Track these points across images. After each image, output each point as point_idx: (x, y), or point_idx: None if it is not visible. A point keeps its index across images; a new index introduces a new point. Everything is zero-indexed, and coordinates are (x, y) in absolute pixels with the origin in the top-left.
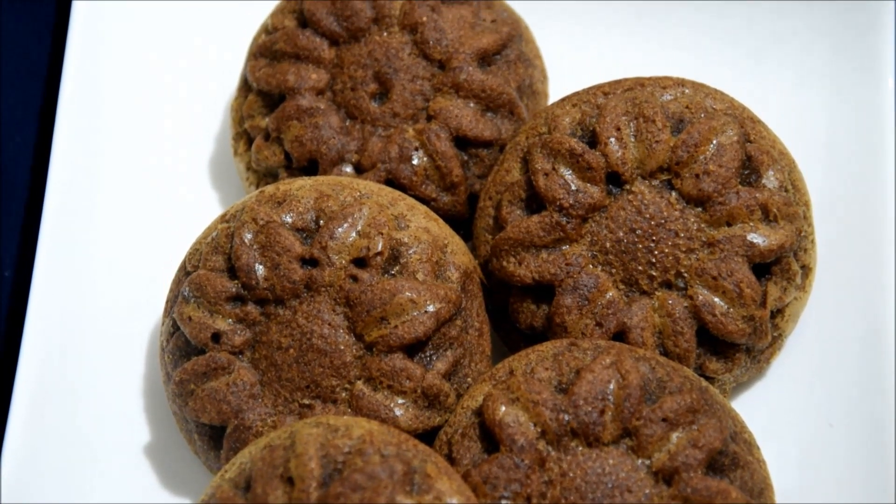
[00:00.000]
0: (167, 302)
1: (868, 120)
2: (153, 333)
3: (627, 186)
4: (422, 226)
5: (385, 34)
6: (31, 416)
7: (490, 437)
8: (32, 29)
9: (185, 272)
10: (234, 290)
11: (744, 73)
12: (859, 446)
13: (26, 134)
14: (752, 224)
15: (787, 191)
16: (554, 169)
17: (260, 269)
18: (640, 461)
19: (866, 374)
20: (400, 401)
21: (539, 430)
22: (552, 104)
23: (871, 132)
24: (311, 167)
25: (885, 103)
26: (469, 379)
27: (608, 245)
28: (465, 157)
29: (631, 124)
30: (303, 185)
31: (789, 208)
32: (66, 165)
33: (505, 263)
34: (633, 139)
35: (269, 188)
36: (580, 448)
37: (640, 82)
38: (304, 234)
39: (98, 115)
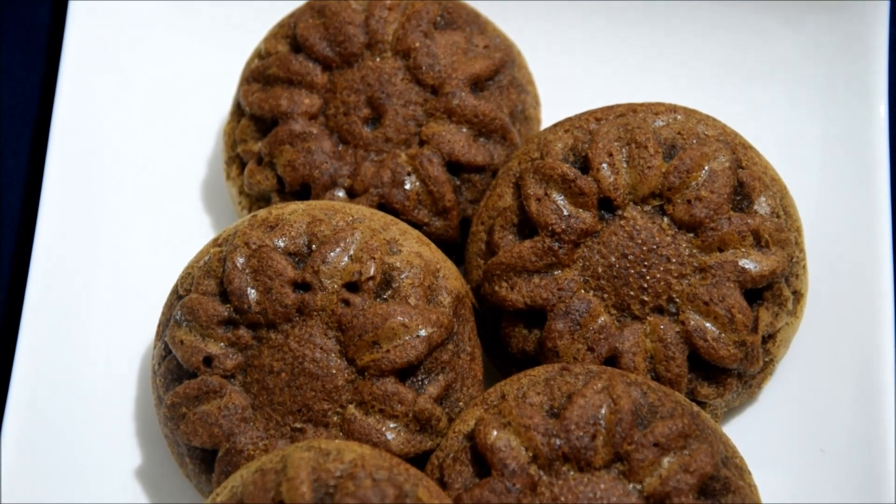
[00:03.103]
0: (159, 325)
1: (860, 146)
2: (145, 357)
3: (619, 212)
4: (414, 250)
5: (378, 59)
6: (22, 439)
7: (482, 462)
8: (23, 60)
9: (177, 296)
10: (226, 314)
11: (736, 99)
12: (851, 472)
13: (19, 156)
14: (743, 250)
15: (778, 216)
16: (546, 194)
17: (252, 294)
18: (631, 486)
19: (858, 400)
20: (392, 425)
21: (531, 454)
22: (544, 130)
23: (863, 158)
24: (303, 191)
25: (877, 130)
26: (461, 403)
27: (600, 270)
28: (458, 182)
29: (623, 150)
30: (295, 210)
31: (781, 234)
32: (59, 188)
33: (497, 288)
34: (625, 165)
35: (262, 212)
36: (572, 472)
37: (632, 108)
38: (297, 259)
39: (91, 139)
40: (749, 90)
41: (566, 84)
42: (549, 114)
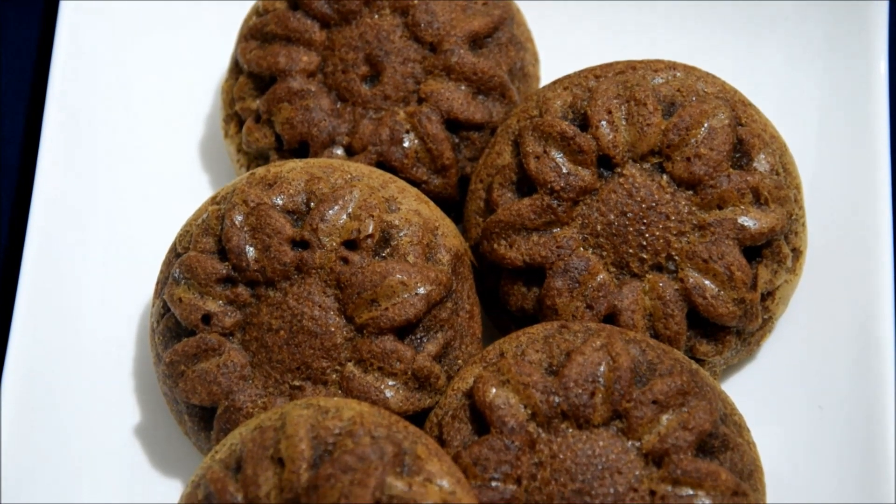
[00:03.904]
0: (157, 283)
1: (860, 103)
2: (143, 315)
3: (618, 169)
4: (412, 208)
5: (376, 17)
6: (22, 398)
7: (480, 419)
8: (18, 14)
9: (175, 254)
10: (224, 271)
11: (735, 56)
12: (849, 429)
13: (15, 117)
14: (742, 207)
15: (778, 174)
16: (545, 152)
17: (250, 251)
18: (630, 443)
19: (857, 357)
20: (390, 382)
21: (529, 412)
22: (543, 87)
23: (863, 115)
24: (301, 149)
25: (877, 86)
26: (459, 361)
27: (599, 228)
28: (457, 140)
29: (622, 107)
30: (293, 168)
31: (780, 191)
32: (56, 147)
33: (496, 246)
34: (624, 122)
35: (260, 170)
36: (570, 430)
37: (631, 65)
38: (295, 217)
39: (89, 98)
40: (749, 47)
41: (565, 41)
42: (548, 71)
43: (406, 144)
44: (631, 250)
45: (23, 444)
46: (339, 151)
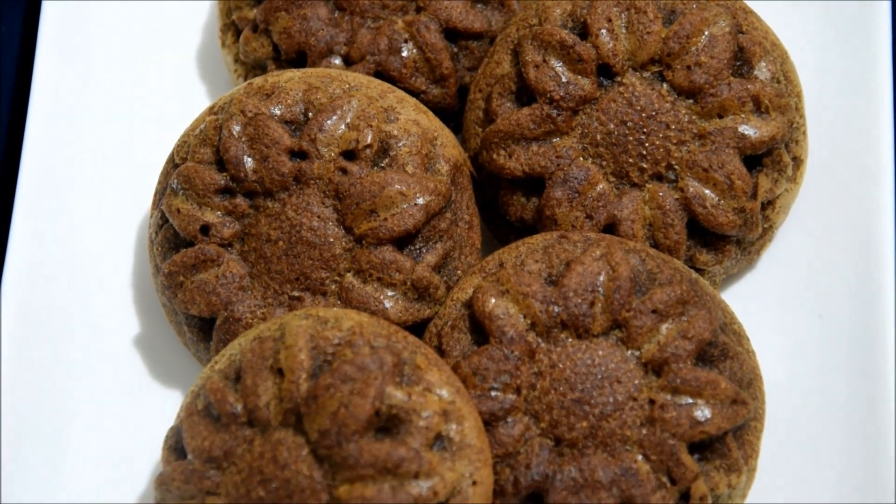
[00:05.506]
0: (156, 194)
1: (862, 9)
2: (142, 226)
3: (618, 78)
4: (411, 118)
5: None
6: (21, 311)
7: (480, 329)
8: None
9: (173, 164)
10: (222, 182)
11: None
12: (848, 337)
13: (12, 22)
14: (743, 116)
15: (778, 82)
16: (545, 61)
17: (248, 162)
18: (629, 352)
19: (856, 266)
20: (389, 293)
21: (529, 321)
22: None
23: (865, 22)
24: (299, 59)
25: None
26: (459, 271)
27: (599, 137)
28: (455, 50)
29: (622, 15)
30: (291, 78)
31: (781, 100)
32: (53, 55)
33: (495, 156)
34: (624, 30)
35: (258, 80)
36: (570, 340)
37: None
38: (293, 127)
39: (85, 7)
40: None
41: None
42: None
43: (404, 54)
44: (631, 160)
45: (23, 358)
46: (337, 61)
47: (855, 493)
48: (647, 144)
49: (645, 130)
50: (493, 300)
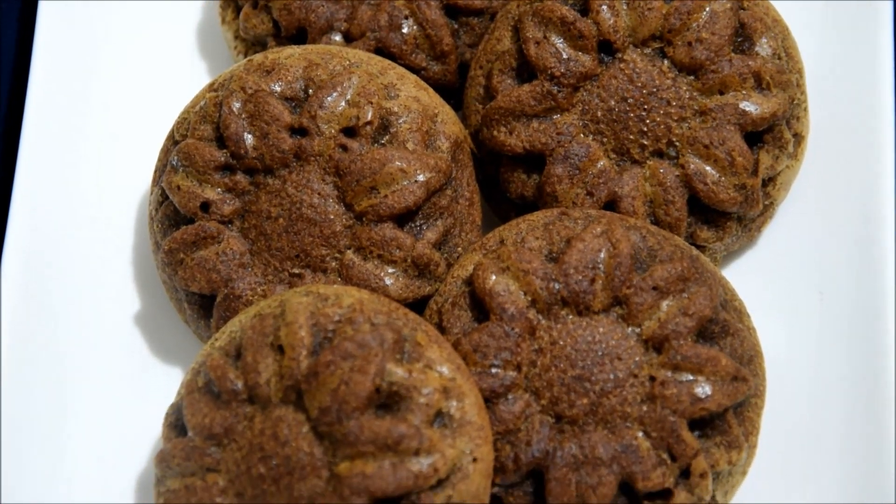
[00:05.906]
0: (155, 171)
1: None
2: (142, 203)
3: (619, 55)
4: (412, 95)
5: None
6: (21, 287)
7: (480, 306)
8: None
9: (173, 141)
10: (222, 159)
11: None
12: (849, 314)
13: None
14: (744, 92)
15: (780, 58)
16: (545, 37)
17: (249, 139)
18: (630, 329)
19: (857, 243)
20: (390, 270)
21: (529, 298)
22: None
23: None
24: (299, 36)
25: None
26: (459, 248)
27: (599, 114)
28: (456, 26)
29: None
30: (291, 54)
31: (782, 76)
32: (53, 34)
33: (496, 133)
34: (625, 7)
35: (258, 57)
36: (570, 317)
37: None
38: (293, 104)
39: None
40: None
41: None
42: None
43: (405, 30)
44: (631, 136)
45: (23, 334)
46: (338, 38)
47: (856, 469)
48: (647, 121)
49: (646, 107)
50: (494, 277)
